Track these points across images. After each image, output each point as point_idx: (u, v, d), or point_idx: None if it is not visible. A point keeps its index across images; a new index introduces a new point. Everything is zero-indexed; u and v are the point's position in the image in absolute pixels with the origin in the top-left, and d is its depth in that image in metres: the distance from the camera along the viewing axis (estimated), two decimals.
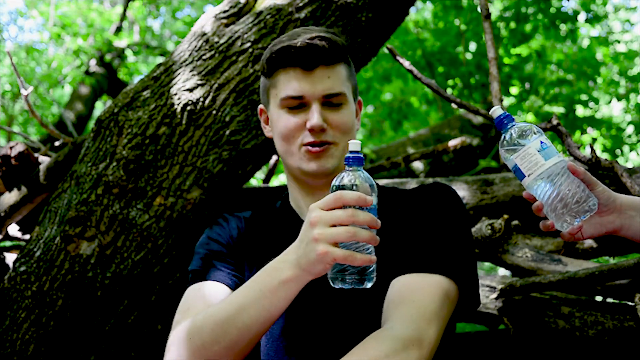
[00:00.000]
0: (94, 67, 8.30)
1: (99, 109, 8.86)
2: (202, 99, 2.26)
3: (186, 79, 2.29)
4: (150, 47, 9.54)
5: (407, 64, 2.40)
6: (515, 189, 2.60)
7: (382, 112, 7.66)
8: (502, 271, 4.29)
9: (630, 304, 2.15)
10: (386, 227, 1.31)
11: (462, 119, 5.13)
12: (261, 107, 1.72)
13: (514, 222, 2.47)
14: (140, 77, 6.00)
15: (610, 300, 2.35)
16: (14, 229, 2.76)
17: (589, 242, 2.48)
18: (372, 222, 1.26)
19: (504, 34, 7.14)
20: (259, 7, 2.38)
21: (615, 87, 7.29)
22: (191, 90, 2.27)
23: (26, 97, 2.67)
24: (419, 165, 4.59)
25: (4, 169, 2.52)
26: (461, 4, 6.89)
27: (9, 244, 2.90)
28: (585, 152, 2.20)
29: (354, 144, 1.32)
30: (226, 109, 2.28)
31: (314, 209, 1.28)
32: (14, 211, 2.56)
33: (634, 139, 6.72)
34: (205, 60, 2.31)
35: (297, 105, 1.58)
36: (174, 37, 10.51)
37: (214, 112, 2.27)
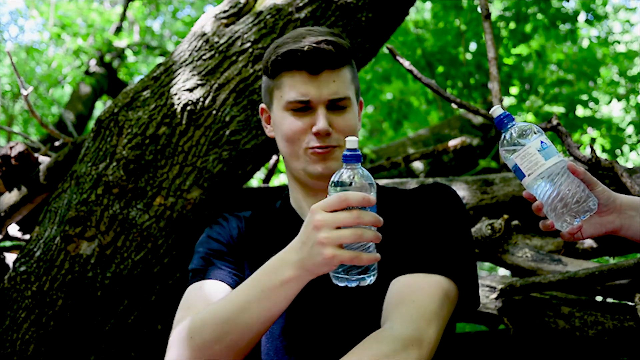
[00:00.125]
0: (94, 67, 8.30)
1: (99, 109, 8.87)
2: (202, 99, 2.27)
3: (186, 79, 2.29)
4: (150, 47, 9.55)
5: (407, 64, 2.40)
6: (515, 188, 2.60)
7: (382, 112, 7.66)
8: (502, 271, 4.29)
9: (630, 304, 2.15)
10: (386, 227, 1.31)
11: (462, 119, 5.13)
12: (262, 107, 1.72)
13: (514, 222, 2.47)
14: (140, 77, 6.01)
15: (610, 300, 2.35)
16: (14, 229, 2.76)
17: (589, 242, 2.48)
18: (377, 221, 1.26)
19: (504, 34, 7.14)
20: (259, 7, 2.38)
21: (615, 87, 7.30)
22: (191, 90, 2.27)
23: (26, 97, 2.67)
24: (419, 165, 4.59)
25: (4, 169, 2.52)
26: (461, 4, 6.88)
27: (9, 244, 2.90)
28: (585, 152, 2.20)
29: (351, 142, 1.31)
30: (226, 109, 2.28)
31: (317, 211, 1.27)
32: (14, 211, 2.56)
33: (634, 139, 6.72)
34: (205, 60, 2.31)
35: (302, 107, 1.58)
36: (174, 37, 10.51)
37: (214, 112, 2.27)
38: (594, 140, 6.63)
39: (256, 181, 5.68)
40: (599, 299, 2.43)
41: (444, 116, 6.78)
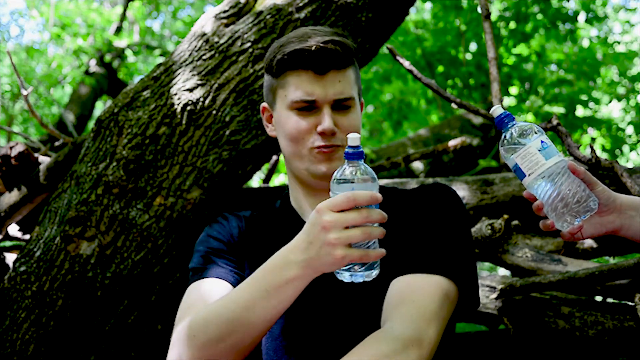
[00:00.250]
0: (94, 67, 8.30)
1: (99, 109, 8.87)
2: (202, 99, 2.26)
3: (186, 79, 2.29)
4: (150, 47, 9.54)
5: (407, 64, 2.39)
6: (515, 188, 2.60)
7: (381, 112, 7.66)
8: (502, 271, 4.29)
9: (630, 304, 2.15)
10: (386, 227, 1.30)
11: (462, 119, 5.14)
12: (264, 106, 1.71)
13: (514, 222, 2.47)
14: (140, 77, 6.00)
15: (610, 300, 2.35)
16: (14, 229, 2.76)
17: (589, 242, 2.48)
18: (383, 218, 1.26)
19: (504, 34, 7.14)
20: (259, 7, 2.38)
21: (615, 87, 7.30)
22: (191, 90, 2.27)
23: (26, 97, 2.67)
24: (419, 165, 4.59)
25: (4, 169, 2.52)
26: (461, 4, 6.88)
27: (9, 244, 2.90)
28: (585, 152, 2.20)
29: (353, 139, 1.31)
30: (226, 109, 2.28)
31: (324, 211, 1.26)
32: (14, 211, 2.56)
33: (634, 139, 6.72)
34: (205, 60, 2.31)
35: (307, 107, 1.58)
36: (174, 37, 10.51)
37: (214, 112, 2.27)
38: (594, 140, 6.64)
39: (256, 181, 5.68)
40: (599, 299, 2.43)
41: (444, 116, 6.78)
